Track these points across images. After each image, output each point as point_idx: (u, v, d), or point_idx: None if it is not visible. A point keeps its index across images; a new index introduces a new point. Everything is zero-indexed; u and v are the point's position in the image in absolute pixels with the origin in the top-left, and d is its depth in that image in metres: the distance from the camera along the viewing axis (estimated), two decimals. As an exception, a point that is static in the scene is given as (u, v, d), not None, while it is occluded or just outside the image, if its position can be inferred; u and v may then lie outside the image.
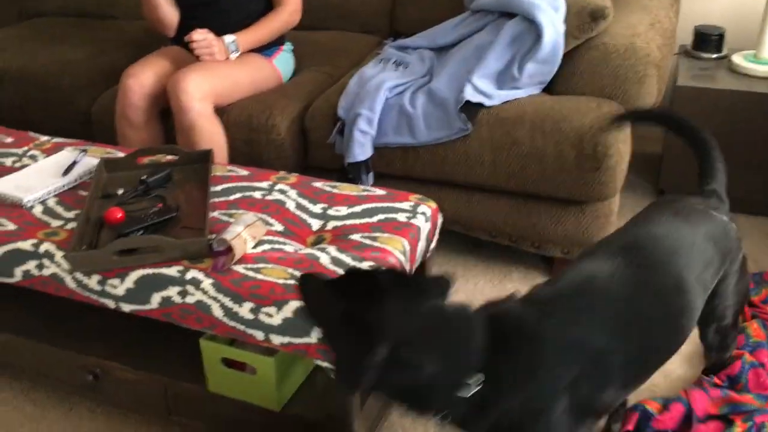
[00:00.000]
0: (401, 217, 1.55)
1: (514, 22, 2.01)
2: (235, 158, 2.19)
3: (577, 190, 1.92)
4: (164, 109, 2.22)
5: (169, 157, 1.78)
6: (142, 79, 2.15)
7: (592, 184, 1.90)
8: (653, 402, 1.62)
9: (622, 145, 1.88)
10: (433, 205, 1.63)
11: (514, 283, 2.14)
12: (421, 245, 1.56)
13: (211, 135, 2.09)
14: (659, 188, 2.54)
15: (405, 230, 1.51)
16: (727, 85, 2.31)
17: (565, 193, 1.94)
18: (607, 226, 2.00)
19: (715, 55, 2.51)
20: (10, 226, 1.55)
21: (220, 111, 2.17)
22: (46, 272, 1.47)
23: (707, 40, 2.50)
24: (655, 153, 2.83)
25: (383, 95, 2.04)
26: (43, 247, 1.48)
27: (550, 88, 2.08)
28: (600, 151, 1.86)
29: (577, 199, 1.96)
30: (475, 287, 2.13)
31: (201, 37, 2.15)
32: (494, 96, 1.99)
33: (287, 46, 2.40)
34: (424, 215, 1.58)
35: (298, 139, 2.19)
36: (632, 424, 1.57)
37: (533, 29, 1.96)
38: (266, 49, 2.32)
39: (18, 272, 1.50)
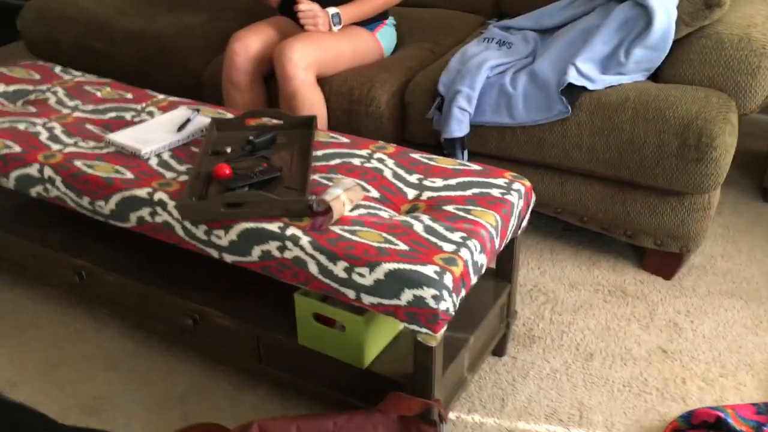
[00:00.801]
0: (495, 192, 1.57)
1: (624, 6, 1.97)
2: (334, 128, 2.26)
3: (676, 181, 1.89)
4: (268, 74, 2.31)
5: (275, 121, 1.86)
6: (248, 43, 2.25)
7: (693, 176, 1.86)
8: (743, 424, 1.54)
9: (728, 137, 1.83)
10: (528, 183, 1.64)
11: (601, 271, 2.13)
12: (513, 222, 1.58)
13: (312, 103, 2.17)
14: (763, 187, 2.45)
15: (498, 205, 1.54)
16: None
17: (664, 183, 1.91)
18: (705, 220, 1.96)
19: (837, 52, 2.38)
20: (128, 175, 1.66)
21: (323, 81, 2.24)
22: (158, 219, 1.58)
23: (830, 35, 2.38)
24: (762, 150, 2.73)
25: (484, 74, 2.06)
26: (156, 196, 1.58)
27: (656, 76, 2.05)
28: (704, 142, 1.82)
29: (676, 190, 1.92)
30: (562, 272, 2.13)
31: (307, 7, 2.22)
32: (597, 80, 1.97)
33: (390, 21, 2.44)
34: (518, 192, 1.59)
35: (397, 113, 2.23)
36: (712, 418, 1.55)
37: (644, 14, 1.93)
38: (370, 23, 2.36)
39: (133, 218, 1.62)
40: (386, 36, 2.41)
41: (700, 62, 1.95)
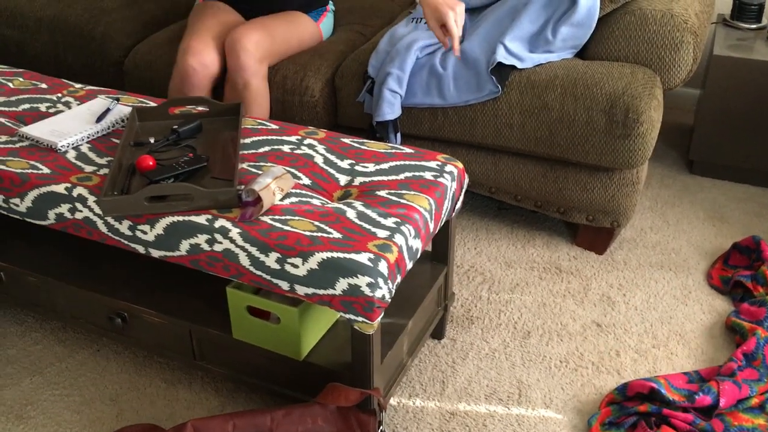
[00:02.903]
0: (428, 175, 1.56)
1: (550, -17, 1.98)
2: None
3: (605, 157, 1.91)
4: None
5: (200, 108, 1.80)
6: (205, 59, 2.07)
7: (621, 152, 1.89)
8: (675, 393, 1.57)
9: (654, 112, 1.86)
10: (460, 165, 1.63)
11: (537, 249, 2.15)
12: (447, 204, 1.57)
13: (264, 96, 2.11)
14: (689, 159, 2.51)
15: (431, 188, 1.52)
16: (765, 56, 2.27)
17: (594, 159, 1.93)
18: (634, 195, 2.00)
19: (754, 26, 2.46)
20: (45, 170, 1.58)
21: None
22: (78, 216, 1.51)
23: (747, 9, 2.45)
24: (687, 123, 2.80)
25: (414, 55, 2.03)
26: (76, 191, 1.51)
27: (583, 53, 2.06)
28: (631, 118, 1.84)
29: (605, 166, 1.95)
30: (498, 251, 2.14)
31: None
32: (526, 59, 1.97)
33: (331, 6, 2.39)
34: (450, 175, 1.58)
35: (331, 100, 2.19)
36: (645, 389, 1.58)
37: (569, -8, 1.93)
38: (313, 10, 2.30)
39: (51, 215, 1.54)
40: (327, 25, 2.36)
41: (625, 39, 1.97)
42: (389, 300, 1.34)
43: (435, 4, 1.80)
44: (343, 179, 1.57)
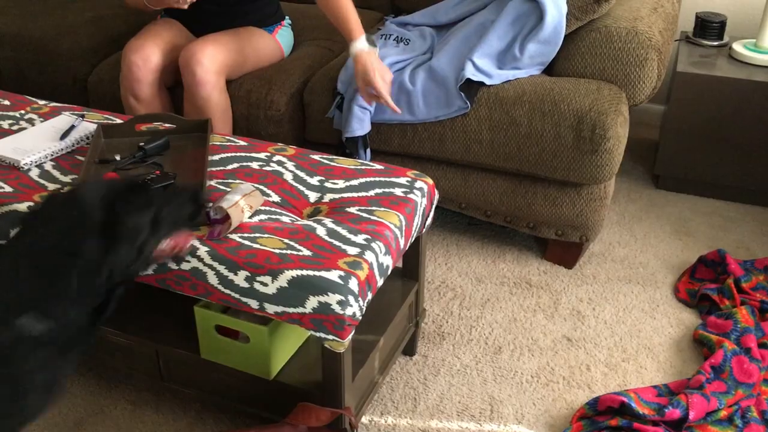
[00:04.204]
0: (398, 191, 1.56)
1: (517, 1, 2.00)
2: (233, 133, 2.18)
3: (573, 172, 1.93)
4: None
5: (167, 125, 1.78)
6: (147, 53, 2.10)
7: (589, 167, 1.91)
8: (645, 407, 1.57)
9: (620, 128, 1.89)
10: (430, 181, 1.64)
11: (507, 264, 2.16)
12: (417, 220, 1.57)
13: (224, 109, 2.09)
14: (655, 174, 2.55)
15: (402, 205, 1.52)
16: (727, 72, 2.32)
17: (562, 174, 1.95)
18: (602, 210, 2.01)
19: (715, 43, 2.51)
20: (7, 188, 1.54)
21: (220, 83, 2.16)
22: (41, 235, 1.47)
23: (708, 27, 2.50)
24: (652, 139, 2.84)
25: (383, 71, 2.03)
26: (39, 210, 1.47)
27: (550, 70, 2.08)
28: (598, 134, 1.87)
29: (574, 182, 1.96)
30: (469, 266, 2.14)
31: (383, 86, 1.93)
32: (494, 75, 1.99)
33: (287, 21, 2.38)
34: (420, 191, 1.58)
35: (297, 115, 2.18)
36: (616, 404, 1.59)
37: (536, 9, 1.96)
38: (269, 24, 2.30)
39: (13, 234, 1.50)
40: (285, 37, 2.35)
41: (591, 55, 2.00)
42: (360, 318, 1.33)
43: (365, 66, 1.91)
44: (312, 196, 1.56)
